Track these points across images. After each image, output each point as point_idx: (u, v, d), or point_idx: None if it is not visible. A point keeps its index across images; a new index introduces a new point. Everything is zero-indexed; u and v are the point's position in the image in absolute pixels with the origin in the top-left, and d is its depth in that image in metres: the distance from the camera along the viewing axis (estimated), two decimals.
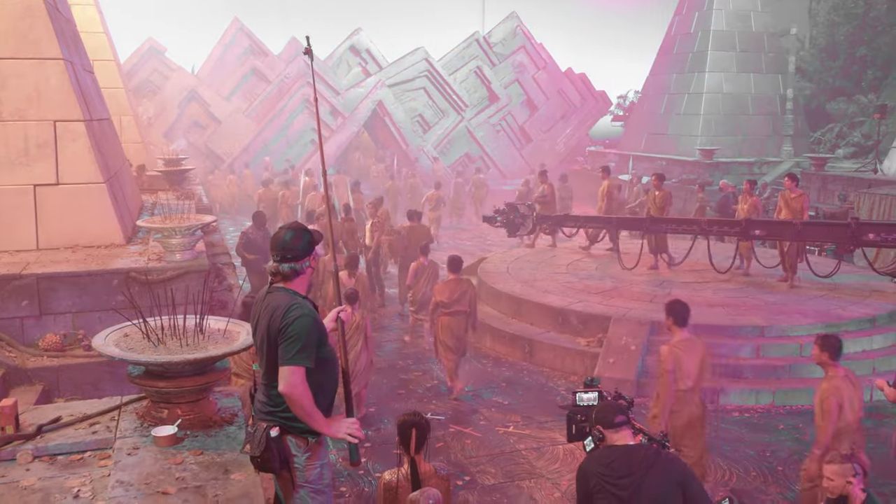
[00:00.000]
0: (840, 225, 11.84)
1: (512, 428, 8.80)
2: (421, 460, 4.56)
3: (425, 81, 31.43)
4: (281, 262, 4.02)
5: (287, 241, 4.01)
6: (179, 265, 8.51)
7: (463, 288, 9.69)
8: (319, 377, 3.96)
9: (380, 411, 9.30)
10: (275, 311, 3.93)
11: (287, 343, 3.84)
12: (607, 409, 4.14)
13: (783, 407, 9.41)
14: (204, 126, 30.03)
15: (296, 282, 4.05)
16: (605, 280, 12.99)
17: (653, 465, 3.87)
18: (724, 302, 11.52)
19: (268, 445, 3.90)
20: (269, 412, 4.01)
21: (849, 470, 4.29)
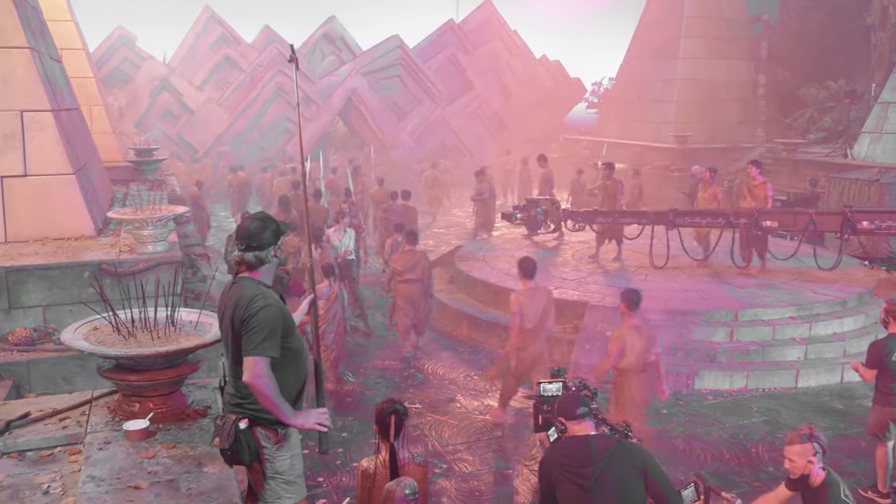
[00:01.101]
0: (836, 213, 11.90)
1: (489, 415, 8.82)
2: (399, 448, 4.55)
3: (400, 69, 31.28)
4: (246, 252, 3.99)
5: (252, 230, 3.98)
6: (152, 257, 8.40)
7: (416, 258, 10.55)
8: (286, 368, 3.92)
9: (356, 401, 9.28)
10: (239, 301, 3.90)
11: (251, 333, 3.81)
12: (569, 400, 4.16)
13: (756, 390, 9.52)
14: (176, 116, 29.66)
15: (261, 272, 4.02)
16: (581, 267, 13.04)
17: (614, 454, 3.90)
18: (699, 287, 11.62)
19: (237, 438, 3.86)
20: (238, 404, 3.97)
21: (809, 450, 4.36)
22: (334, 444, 7.95)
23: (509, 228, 16.69)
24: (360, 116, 30.33)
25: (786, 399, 9.24)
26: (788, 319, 10.51)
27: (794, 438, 4.44)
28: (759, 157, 24.19)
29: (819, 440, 4.39)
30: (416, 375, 10.18)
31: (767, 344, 10.13)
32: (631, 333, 7.06)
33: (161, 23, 59.86)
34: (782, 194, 18.22)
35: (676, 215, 12.43)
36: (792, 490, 4.60)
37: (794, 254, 12.27)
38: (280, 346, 3.87)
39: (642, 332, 7.09)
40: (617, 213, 12.96)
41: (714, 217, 12.33)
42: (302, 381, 4.08)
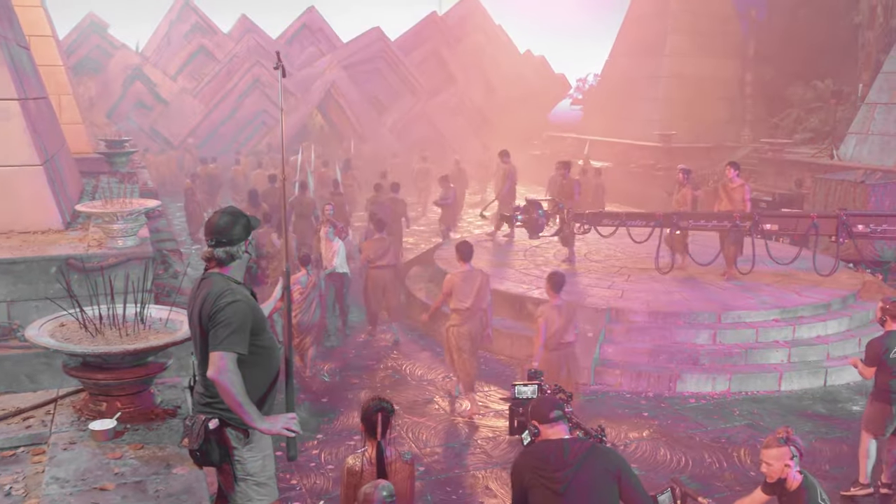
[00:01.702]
0: (831, 216, 11.97)
1: (468, 417, 8.83)
2: (386, 445, 4.58)
3: (381, 62, 31.23)
4: (216, 247, 3.98)
5: (222, 225, 3.98)
6: (121, 252, 8.33)
7: (386, 245, 11.54)
8: (257, 367, 3.91)
9: (333, 402, 9.26)
10: (207, 297, 3.90)
11: (217, 328, 3.80)
12: (542, 403, 4.18)
13: (739, 393, 9.61)
14: (149, 107, 29.41)
15: (231, 267, 4.03)
16: (563, 267, 13.07)
17: (587, 458, 3.92)
18: (683, 288, 11.70)
19: (206, 438, 3.85)
20: (207, 403, 3.96)
21: (786, 453, 4.41)
22: (308, 447, 7.93)
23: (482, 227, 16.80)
24: (340, 110, 30.25)
25: (768, 403, 9.34)
26: (772, 322, 10.62)
27: (770, 442, 4.49)
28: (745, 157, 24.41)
29: (796, 444, 4.45)
30: (394, 376, 10.17)
31: (750, 347, 10.23)
32: (552, 312, 8.04)
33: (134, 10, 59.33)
34: (767, 195, 18.40)
35: (680, 217, 12.24)
36: (768, 494, 4.66)
37: (796, 259, 12.15)
38: (249, 343, 3.85)
39: (562, 312, 8.04)
40: (624, 214, 12.67)
41: (719, 220, 12.25)
42: (271, 381, 4.06)
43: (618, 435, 8.36)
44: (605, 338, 10.32)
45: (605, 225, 12.76)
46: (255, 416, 3.87)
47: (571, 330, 8.11)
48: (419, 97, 31.51)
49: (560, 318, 7.99)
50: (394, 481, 4.45)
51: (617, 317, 10.65)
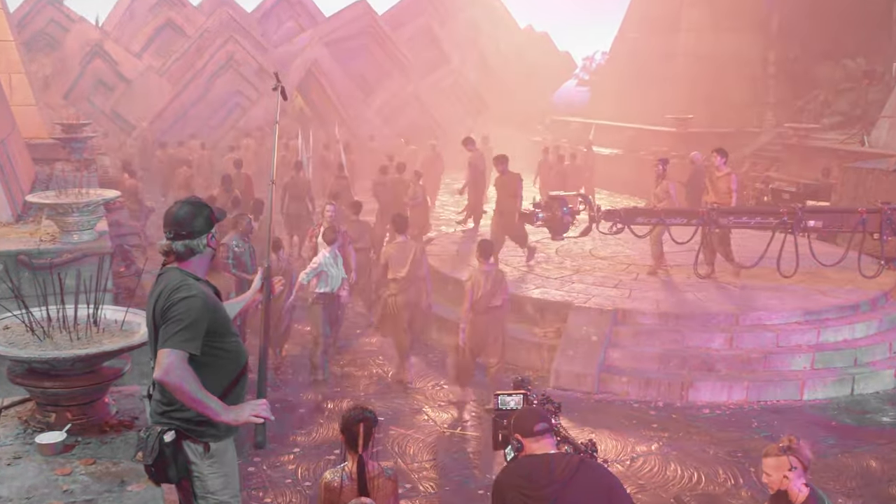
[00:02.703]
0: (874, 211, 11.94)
1: (459, 429, 8.85)
2: (367, 459, 4.58)
3: (367, 39, 31.18)
4: (174, 240, 3.98)
5: (182, 216, 3.98)
6: (77, 247, 8.34)
7: (362, 228, 12.48)
8: (213, 371, 3.90)
9: (310, 413, 9.27)
10: (161, 292, 3.90)
11: (167, 324, 3.81)
12: (527, 415, 4.17)
13: (757, 402, 9.64)
14: (111, 87, 29.32)
15: (192, 262, 4.02)
16: (565, 264, 13.11)
17: (574, 475, 3.91)
18: (696, 287, 11.73)
19: (161, 452, 3.85)
20: (164, 413, 3.96)
21: (784, 463, 4.43)
22: (284, 462, 7.94)
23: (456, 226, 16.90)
24: (322, 91, 30.19)
25: (790, 413, 9.37)
26: (794, 325, 10.65)
27: (771, 450, 4.53)
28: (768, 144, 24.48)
29: (798, 453, 4.46)
30: (379, 384, 10.18)
31: (770, 352, 10.25)
32: (480, 276, 9.25)
33: None
34: (791, 185, 18.44)
35: (719, 214, 11.98)
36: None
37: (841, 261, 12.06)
38: (206, 344, 3.85)
39: (489, 277, 9.25)
40: (661, 211, 12.15)
41: (764, 216, 12.18)
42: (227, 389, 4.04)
43: (623, 449, 8.39)
44: (610, 342, 10.35)
45: (640, 224, 12.32)
46: (218, 408, 3.87)
47: (499, 295, 9.31)
48: (409, 78, 31.47)
49: (487, 283, 9.21)
50: (376, 498, 4.45)
51: (624, 319, 10.68)
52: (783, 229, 12.00)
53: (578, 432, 8.64)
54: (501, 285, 9.36)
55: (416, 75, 31.60)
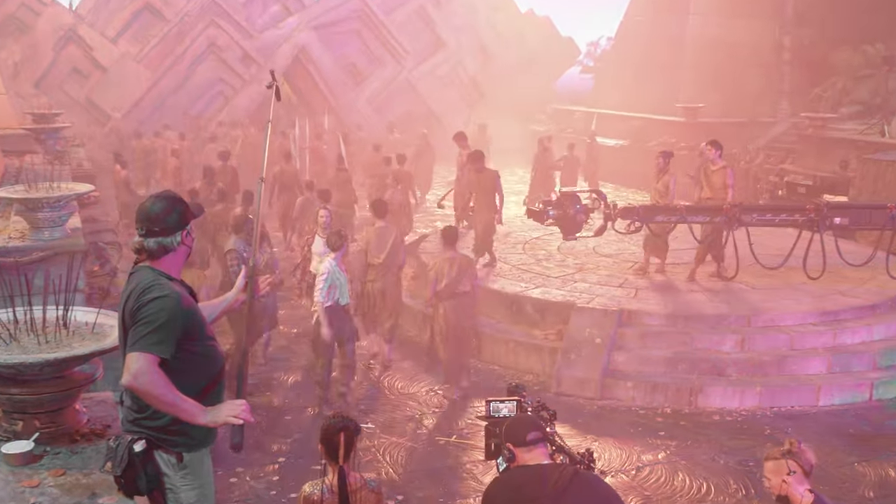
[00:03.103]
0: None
1: (455, 438, 8.85)
2: (349, 470, 4.57)
3: (358, 23, 31.13)
4: (146, 237, 3.96)
5: (154, 212, 3.96)
6: (48, 244, 8.33)
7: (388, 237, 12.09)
8: (186, 377, 3.89)
9: (297, 420, 9.27)
10: (132, 292, 3.89)
11: (137, 326, 3.79)
12: (519, 423, 4.16)
13: (771, 408, 9.64)
14: (86, 74, 29.23)
15: (165, 260, 4.00)
16: (567, 262, 13.12)
17: (568, 487, 3.90)
18: (706, 287, 11.73)
19: (131, 462, 3.83)
20: (135, 420, 3.94)
21: (782, 467, 4.48)
22: (268, 473, 7.94)
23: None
24: (310, 79, 30.15)
25: (805, 420, 9.38)
26: (810, 326, 10.67)
27: (771, 454, 4.59)
28: (782, 135, 24.47)
29: (799, 458, 4.51)
30: (369, 389, 10.18)
31: (784, 355, 10.27)
32: (444, 263, 9.76)
33: None
34: (807, 178, 18.46)
35: (742, 211, 11.86)
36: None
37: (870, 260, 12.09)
38: (176, 347, 3.83)
39: (454, 264, 9.74)
40: (683, 208, 11.99)
41: (789, 213, 12.09)
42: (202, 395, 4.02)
43: (629, 458, 8.40)
44: (615, 344, 10.35)
45: (660, 221, 12.19)
46: (195, 410, 3.86)
47: (466, 281, 9.83)
48: (403, 64, 31.44)
49: (452, 270, 9.72)
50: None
51: (629, 320, 10.69)
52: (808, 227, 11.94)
53: (581, 440, 8.66)
54: (468, 271, 9.89)
55: (410, 62, 31.56)
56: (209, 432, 4.04)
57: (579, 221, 11.91)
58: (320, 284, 9.20)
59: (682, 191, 15.04)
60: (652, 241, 12.32)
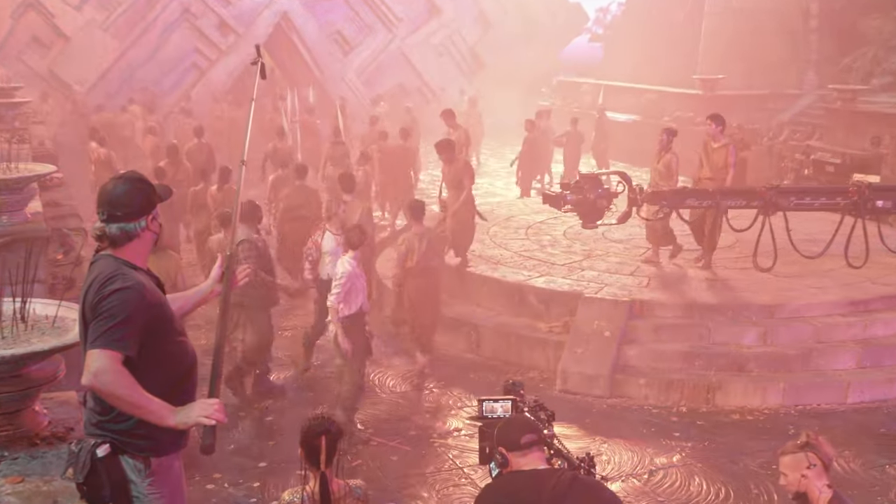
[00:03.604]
0: None
1: (451, 440, 8.85)
2: (332, 477, 4.57)
3: None
4: (108, 222, 3.94)
5: (117, 195, 3.94)
6: (6, 230, 8.32)
7: (307, 194, 13.15)
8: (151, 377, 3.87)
9: (279, 420, 9.26)
10: (92, 283, 3.87)
11: (97, 321, 3.78)
12: (512, 425, 4.15)
13: (795, 406, 9.65)
14: (47, 44, 29.11)
15: (128, 248, 3.98)
16: (574, 247, 13.11)
17: (566, 493, 3.89)
18: (725, 275, 11.72)
19: (93, 468, 3.82)
20: (98, 423, 3.93)
21: (802, 461, 4.49)
22: (249, 478, 7.94)
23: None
24: (293, 49, 30.05)
25: (832, 418, 9.39)
26: (838, 317, 10.67)
27: (788, 448, 4.59)
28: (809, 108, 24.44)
29: (817, 450, 4.51)
30: None
31: (810, 348, 10.27)
32: (414, 239, 10.11)
33: None
34: (835, 156, 18.43)
35: (779, 195, 11.66)
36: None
37: None
38: (141, 343, 3.82)
39: (423, 238, 10.16)
40: (717, 192, 11.70)
41: (830, 196, 11.97)
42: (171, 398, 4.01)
43: (641, 461, 8.41)
44: (626, 338, 10.36)
45: (691, 206, 11.95)
46: (163, 411, 3.85)
47: (436, 257, 10.40)
48: (394, 33, 31.35)
49: (422, 245, 10.11)
50: None
51: (642, 311, 10.69)
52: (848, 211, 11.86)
53: (589, 441, 8.67)
54: (437, 246, 10.61)
55: (402, 30, 31.46)
56: (179, 435, 4.03)
57: (601, 207, 11.51)
58: (337, 289, 8.61)
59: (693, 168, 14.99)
60: (651, 229, 12.28)
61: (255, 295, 9.15)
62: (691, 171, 13.30)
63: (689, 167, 13.33)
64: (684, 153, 12.73)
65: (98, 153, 16.90)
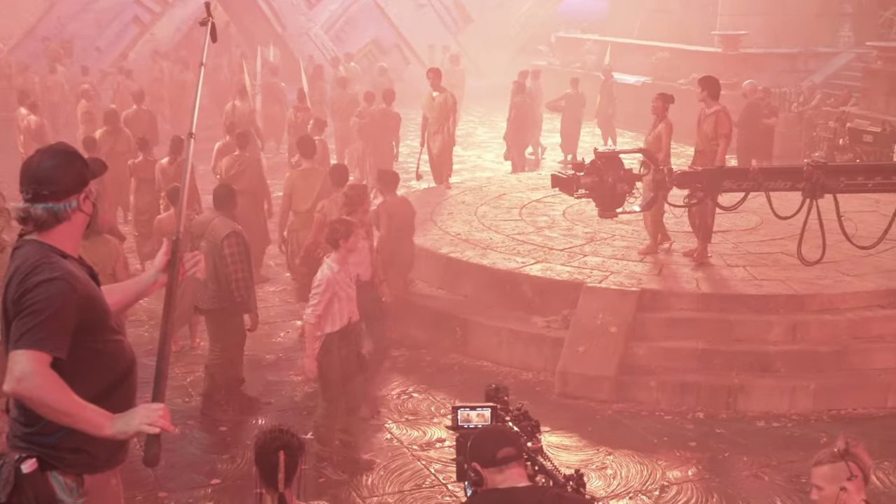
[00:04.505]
0: None
1: (433, 452, 8.86)
2: (292, 498, 4.56)
3: None
4: (33, 202, 3.92)
5: (43, 170, 3.91)
6: None
7: (245, 164, 13.20)
8: (84, 381, 3.86)
9: (235, 431, 9.26)
10: (14, 274, 3.85)
11: (22, 318, 3.76)
12: (487, 438, 4.12)
13: (827, 411, 9.69)
14: None
15: (57, 232, 3.95)
16: (576, 230, 13.10)
17: None
18: (747, 262, 11.74)
19: (17, 486, 3.82)
20: (23, 435, 3.92)
21: (842, 471, 4.41)
22: (199, 498, 7.94)
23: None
24: (251, 1, 29.94)
25: (870, 424, 9.43)
26: (877, 309, 10.70)
27: (823, 457, 4.51)
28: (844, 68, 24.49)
29: (858, 459, 4.46)
30: None
31: (845, 345, 10.31)
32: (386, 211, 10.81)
33: None
34: (875, 124, 18.49)
35: (827, 174, 11.29)
36: None
37: None
38: (72, 342, 3.80)
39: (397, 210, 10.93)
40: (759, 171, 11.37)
41: (886, 175, 11.60)
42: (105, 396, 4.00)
43: (651, 475, 8.43)
44: (635, 334, 10.38)
45: (729, 190, 11.58)
46: (99, 419, 3.82)
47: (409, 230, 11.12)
48: None
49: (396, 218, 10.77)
50: None
51: (653, 303, 10.71)
52: None
53: (592, 453, 8.70)
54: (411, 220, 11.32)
55: None
56: (118, 448, 4.02)
57: (621, 192, 11.01)
58: (314, 300, 8.15)
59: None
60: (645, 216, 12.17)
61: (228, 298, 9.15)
62: None
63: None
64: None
65: (28, 121, 16.82)
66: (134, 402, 4.11)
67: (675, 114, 12.00)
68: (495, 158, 22.46)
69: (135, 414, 3.90)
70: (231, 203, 9.49)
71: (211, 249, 9.01)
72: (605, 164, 10.92)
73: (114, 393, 4.01)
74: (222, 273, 9.08)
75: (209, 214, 9.69)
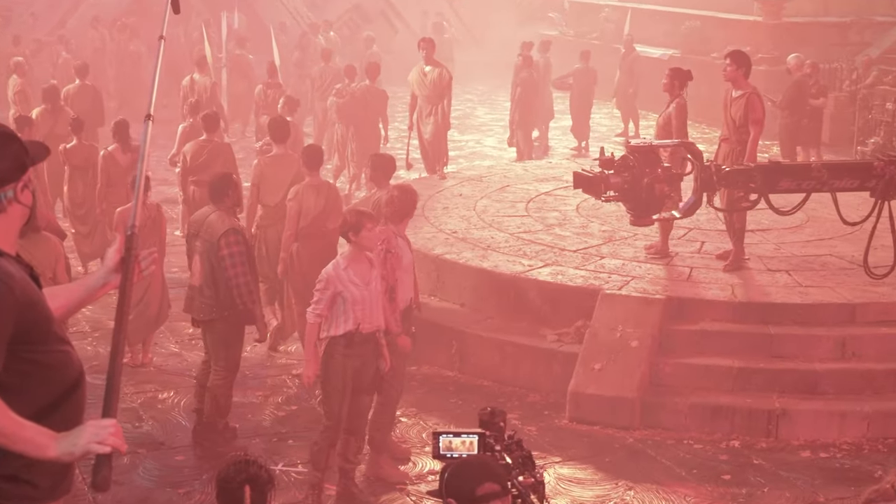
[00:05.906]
0: None
1: (425, 485, 8.89)
2: None
3: None
4: None
5: None
6: None
7: (215, 152, 13.43)
8: (24, 396, 3.89)
9: (199, 457, 9.28)
10: None
11: None
12: (466, 471, 4.09)
13: (884, 440, 9.73)
14: None
15: None
16: (591, 228, 13.09)
17: None
18: (793, 265, 11.75)
19: None
20: None
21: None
22: None
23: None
24: None
25: None
26: None
27: (877, 495, 4.55)
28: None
29: None
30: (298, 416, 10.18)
31: None
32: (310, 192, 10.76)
33: None
34: None
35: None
36: None
37: None
38: (8, 352, 3.83)
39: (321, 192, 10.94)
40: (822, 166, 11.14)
41: None
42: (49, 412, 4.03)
43: None
44: (660, 348, 10.42)
45: (785, 191, 11.29)
46: (42, 439, 3.80)
47: (334, 216, 10.49)
48: None
49: (319, 199, 10.74)
50: None
51: (681, 313, 10.73)
52: None
53: (610, 488, 8.71)
54: (336, 203, 11.18)
55: None
56: (62, 475, 4.04)
57: (660, 194, 10.64)
58: (315, 297, 8.37)
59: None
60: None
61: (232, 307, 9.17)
62: None
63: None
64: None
65: None
66: (81, 420, 4.12)
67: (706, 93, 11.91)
68: (497, 144, 22.48)
69: (82, 432, 3.89)
70: (226, 193, 9.40)
71: (207, 250, 9.01)
72: (640, 161, 10.45)
73: (58, 410, 4.02)
74: (221, 277, 9.09)
75: (206, 209, 9.62)
